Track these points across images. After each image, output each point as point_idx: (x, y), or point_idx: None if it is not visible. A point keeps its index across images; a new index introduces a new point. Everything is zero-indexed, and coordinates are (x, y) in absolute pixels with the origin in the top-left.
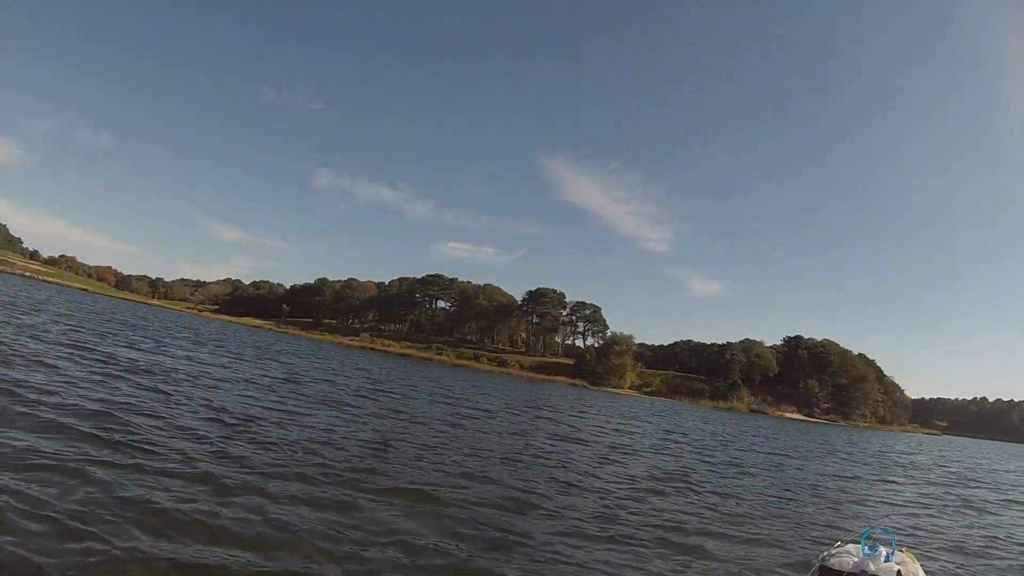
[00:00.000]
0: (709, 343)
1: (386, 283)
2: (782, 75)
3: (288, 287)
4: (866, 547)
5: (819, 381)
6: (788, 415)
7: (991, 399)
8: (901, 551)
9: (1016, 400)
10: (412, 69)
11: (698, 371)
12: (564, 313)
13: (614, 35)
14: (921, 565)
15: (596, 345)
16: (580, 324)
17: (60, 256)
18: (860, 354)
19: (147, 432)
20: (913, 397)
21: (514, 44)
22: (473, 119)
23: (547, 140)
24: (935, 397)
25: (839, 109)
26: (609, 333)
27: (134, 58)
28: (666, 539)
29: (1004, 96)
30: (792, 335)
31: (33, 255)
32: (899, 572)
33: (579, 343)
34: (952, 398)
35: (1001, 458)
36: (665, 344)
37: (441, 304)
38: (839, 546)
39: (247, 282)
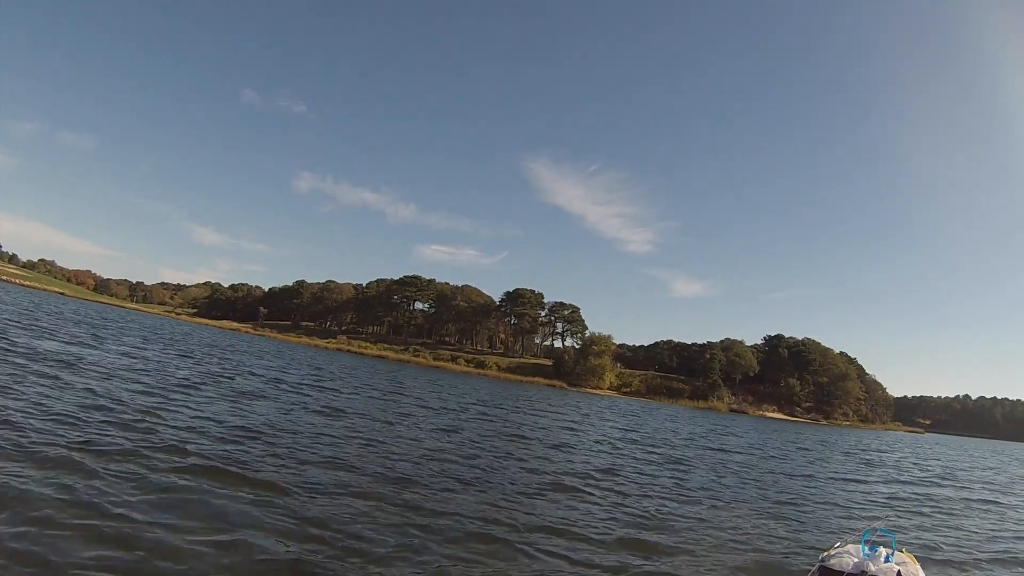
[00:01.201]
0: (690, 343)
1: (364, 285)
2: (763, 79)
3: (267, 290)
4: (866, 548)
5: (800, 380)
6: (769, 414)
7: (974, 396)
8: (901, 551)
9: (999, 397)
10: (394, 72)
11: (679, 371)
12: (543, 314)
13: (594, 37)
14: (921, 566)
15: (575, 346)
16: (559, 325)
17: (39, 260)
18: (841, 352)
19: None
20: (896, 395)
21: (496, 47)
22: (455, 122)
23: (529, 142)
24: (918, 395)
25: (820, 111)
26: (588, 333)
27: (117, 60)
28: (536, 542)
29: (986, 93)
30: (773, 334)
31: (12, 259)
32: (899, 572)
33: (558, 344)
34: (935, 396)
35: (980, 456)
36: (646, 344)
37: (420, 306)
38: (839, 546)
39: (228, 285)
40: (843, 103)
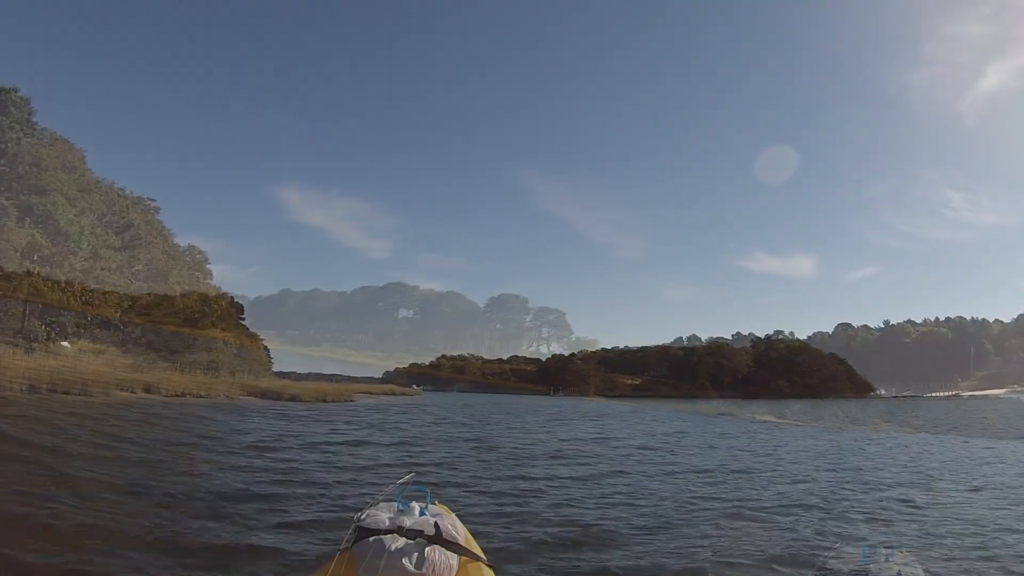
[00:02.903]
0: (677, 346)
1: (348, 292)
2: (752, 83)
3: (252, 299)
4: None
5: (790, 382)
6: (758, 416)
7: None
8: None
9: (992, 396)
10: (382, 83)
11: (667, 374)
12: (528, 319)
13: (579, 46)
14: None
15: (562, 351)
16: (544, 329)
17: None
18: (831, 354)
19: None
20: (889, 396)
21: (486, 58)
22: (445, 131)
23: (518, 151)
24: (912, 395)
25: (805, 112)
26: (573, 337)
27: (105, 70)
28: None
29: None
30: (764, 335)
31: None
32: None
33: (544, 349)
34: (929, 395)
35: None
36: (633, 348)
37: (405, 313)
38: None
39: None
40: (836, 102)
